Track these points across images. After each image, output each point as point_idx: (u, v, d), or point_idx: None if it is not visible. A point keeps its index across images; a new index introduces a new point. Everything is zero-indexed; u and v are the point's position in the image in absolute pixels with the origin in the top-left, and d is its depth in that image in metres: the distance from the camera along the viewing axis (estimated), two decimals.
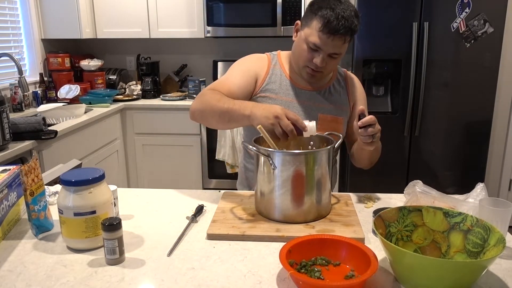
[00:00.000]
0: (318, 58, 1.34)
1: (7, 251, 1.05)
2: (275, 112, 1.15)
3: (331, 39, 1.30)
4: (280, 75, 1.48)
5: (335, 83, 1.51)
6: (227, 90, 1.37)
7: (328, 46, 1.32)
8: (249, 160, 1.57)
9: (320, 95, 1.48)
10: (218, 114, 1.28)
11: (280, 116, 1.14)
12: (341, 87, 1.52)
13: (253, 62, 1.49)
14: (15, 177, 1.18)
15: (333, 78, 1.52)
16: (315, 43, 1.32)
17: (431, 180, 2.67)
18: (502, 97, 3.19)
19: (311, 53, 1.35)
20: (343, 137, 1.51)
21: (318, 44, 1.32)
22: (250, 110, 1.20)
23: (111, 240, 0.96)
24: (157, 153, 3.35)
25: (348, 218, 1.18)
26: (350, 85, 1.54)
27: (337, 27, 1.28)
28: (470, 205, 1.11)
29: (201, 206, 1.27)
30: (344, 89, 1.52)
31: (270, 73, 1.47)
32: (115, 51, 3.83)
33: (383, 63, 2.91)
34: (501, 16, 2.69)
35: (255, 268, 0.96)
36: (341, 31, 1.29)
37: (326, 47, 1.32)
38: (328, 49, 1.33)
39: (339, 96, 1.50)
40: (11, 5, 3.04)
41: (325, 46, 1.32)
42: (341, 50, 1.35)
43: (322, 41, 1.31)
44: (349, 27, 1.30)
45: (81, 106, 2.88)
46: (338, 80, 1.52)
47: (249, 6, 3.21)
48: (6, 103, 2.02)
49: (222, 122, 1.30)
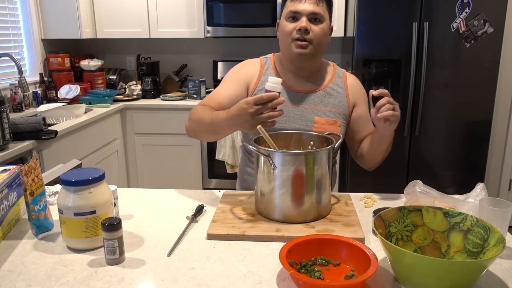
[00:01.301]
0: (302, 22, 1.36)
1: (7, 251, 1.05)
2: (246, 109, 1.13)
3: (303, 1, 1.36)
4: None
5: (333, 84, 1.49)
6: (217, 103, 1.41)
7: (303, 7, 1.36)
8: (249, 164, 1.56)
9: (316, 97, 1.46)
10: (205, 129, 1.33)
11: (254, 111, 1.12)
12: (340, 88, 1.50)
13: (244, 70, 1.50)
14: (15, 177, 1.18)
15: (331, 79, 1.50)
16: (291, 10, 1.38)
17: (431, 180, 2.67)
18: (502, 97, 3.19)
19: (293, 23, 1.39)
20: (342, 138, 1.50)
21: (295, 9, 1.37)
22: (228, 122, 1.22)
23: (111, 240, 0.96)
24: (157, 153, 3.35)
25: (348, 218, 1.18)
26: (350, 87, 1.51)
27: None
28: (470, 205, 1.11)
29: (201, 206, 1.27)
30: (343, 91, 1.50)
31: (262, 77, 1.48)
32: (115, 51, 3.83)
33: (383, 63, 2.90)
34: (501, 16, 2.69)
35: (255, 268, 0.96)
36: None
37: (303, 9, 1.36)
38: (305, 10, 1.36)
39: (337, 98, 1.48)
40: (11, 5, 3.04)
41: (302, 8, 1.36)
42: (319, 10, 1.37)
43: (295, 4, 1.37)
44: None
45: (81, 106, 2.88)
46: (337, 82, 1.50)
47: (249, 6, 3.21)
48: (6, 103, 2.02)
49: (214, 135, 1.34)
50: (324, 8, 1.39)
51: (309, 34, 1.37)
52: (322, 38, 1.40)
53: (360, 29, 2.80)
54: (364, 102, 1.54)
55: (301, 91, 1.46)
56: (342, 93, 1.49)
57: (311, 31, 1.37)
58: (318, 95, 1.47)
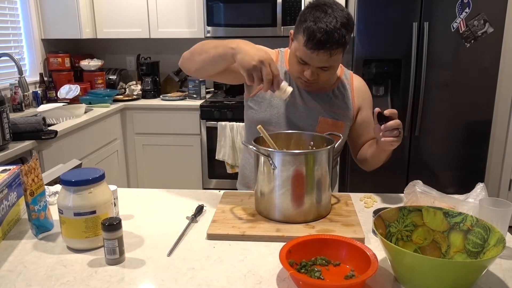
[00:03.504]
0: (308, 72, 1.31)
1: (7, 251, 1.05)
2: (262, 57, 1.13)
3: (315, 54, 1.26)
4: (284, 74, 1.47)
5: (339, 86, 1.48)
6: None
7: (314, 60, 1.28)
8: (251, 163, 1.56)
9: (323, 97, 1.46)
10: (206, 51, 1.29)
11: (265, 63, 1.13)
12: (345, 91, 1.48)
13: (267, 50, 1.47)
14: (15, 177, 1.18)
15: (337, 82, 1.49)
16: (301, 57, 1.30)
17: (431, 180, 2.67)
18: (502, 97, 3.19)
19: (301, 66, 1.33)
20: (344, 139, 1.50)
21: (304, 59, 1.29)
22: (237, 44, 1.19)
23: (111, 240, 0.96)
24: (157, 153, 3.35)
25: (348, 218, 1.18)
26: (356, 89, 1.50)
27: (320, 43, 1.23)
28: (470, 205, 1.11)
29: (201, 206, 1.27)
30: (348, 93, 1.48)
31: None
32: (115, 51, 3.83)
33: (383, 63, 2.91)
34: (501, 16, 2.69)
35: (255, 268, 0.96)
36: (326, 46, 1.24)
37: (313, 61, 1.29)
38: (315, 63, 1.29)
39: (343, 100, 1.47)
40: (11, 5, 3.04)
41: (311, 61, 1.29)
42: (329, 63, 1.30)
43: (307, 56, 1.28)
44: (334, 41, 1.23)
45: (81, 106, 2.88)
46: (343, 84, 1.49)
47: (249, 6, 3.21)
48: (6, 103, 2.02)
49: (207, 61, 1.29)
50: (338, 54, 1.29)
51: (315, 80, 1.34)
52: (330, 78, 1.41)
53: (360, 29, 2.80)
54: (369, 106, 1.52)
55: (309, 90, 1.46)
56: (348, 96, 1.48)
57: (318, 77, 1.34)
58: (325, 96, 1.46)
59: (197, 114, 3.22)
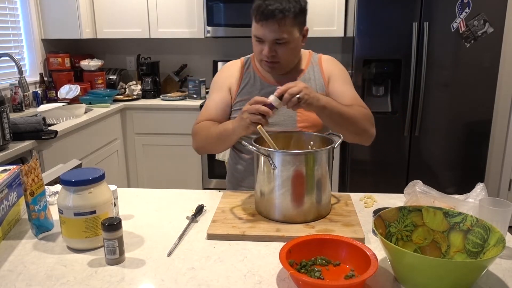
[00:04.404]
0: (265, 48, 1.35)
1: (7, 251, 1.05)
2: (242, 111, 1.22)
3: (265, 26, 1.31)
4: (253, 76, 1.49)
5: (309, 70, 1.48)
6: (210, 116, 1.47)
7: (266, 33, 1.32)
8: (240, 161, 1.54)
9: None
10: (215, 143, 1.41)
11: (246, 109, 1.20)
12: (315, 73, 1.48)
13: (223, 75, 1.54)
14: (15, 177, 1.18)
15: (306, 66, 1.49)
16: (255, 34, 1.36)
17: (431, 180, 2.67)
18: (502, 97, 3.19)
19: (259, 45, 1.37)
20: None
21: (257, 34, 1.35)
22: (231, 125, 1.30)
23: (111, 240, 0.96)
24: (157, 153, 3.34)
25: (348, 218, 1.18)
26: (324, 67, 1.49)
27: (265, 12, 1.29)
28: (470, 205, 1.11)
29: (201, 206, 1.27)
30: (318, 73, 1.48)
31: (243, 77, 1.50)
32: (115, 51, 3.83)
33: (383, 63, 2.91)
34: (501, 16, 2.69)
35: (255, 268, 0.96)
36: (273, 15, 1.28)
37: (265, 35, 1.33)
38: (268, 36, 1.33)
39: (314, 83, 1.47)
40: (11, 5, 3.04)
41: (264, 35, 1.33)
42: (281, 35, 1.32)
43: (260, 31, 1.33)
44: (280, 9, 1.28)
45: (81, 106, 2.88)
46: (313, 67, 1.49)
47: (249, 6, 3.17)
48: (6, 103, 2.02)
49: (223, 145, 1.43)
50: (290, 25, 1.32)
51: (275, 57, 1.37)
52: (291, 55, 1.40)
53: (360, 29, 2.80)
54: (339, 78, 1.48)
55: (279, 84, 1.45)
56: (318, 76, 1.48)
57: (277, 54, 1.36)
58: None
59: (197, 114, 3.19)
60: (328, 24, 3.26)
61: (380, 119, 3.07)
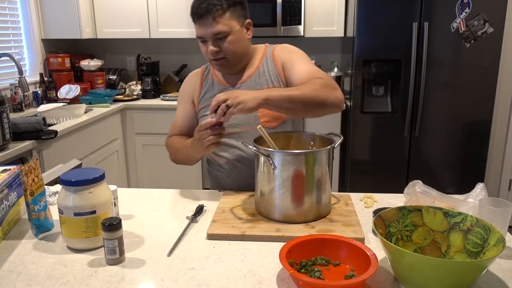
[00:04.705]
0: (210, 46, 1.37)
1: (7, 251, 1.05)
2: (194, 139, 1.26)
3: (202, 24, 1.34)
4: (212, 82, 1.51)
5: (264, 63, 1.47)
6: (179, 129, 1.55)
7: (205, 31, 1.35)
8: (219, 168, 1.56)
9: (250, 84, 1.45)
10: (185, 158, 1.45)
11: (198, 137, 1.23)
12: (269, 63, 1.46)
13: (185, 87, 1.58)
14: (15, 177, 1.18)
15: (261, 59, 1.48)
16: (197, 35, 1.38)
17: (431, 180, 2.67)
18: (502, 97, 3.19)
19: (204, 46, 1.39)
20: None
21: (198, 34, 1.37)
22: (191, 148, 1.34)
23: (111, 240, 0.96)
24: (157, 153, 3.34)
25: (348, 218, 1.18)
26: (277, 53, 1.47)
27: (199, 11, 1.33)
28: (470, 205, 1.11)
29: (201, 206, 1.27)
30: (272, 63, 1.46)
31: (203, 84, 1.52)
32: (115, 51, 3.83)
33: (383, 63, 2.91)
34: (501, 16, 2.69)
35: (255, 268, 0.96)
36: (207, 11, 1.32)
37: (205, 33, 1.35)
38: (207, 33, 1.35)
39: (269, 75, 1.44)
40: (11, 5, 3.04)
41: (204, 33, 1.35)
42: (220, 28, 1.33)
43: (198, 30, 1.36)
44: (212, 4, 1.32)
45: (81, 106, 2.88)
46: (266, 59, 1.48)
47: (249, 6, 3.19)
48: (6, 103, 2.02)
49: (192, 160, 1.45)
50: (226, 18, 1.34)
51: (220, 53, 1.38)
52: (235, 48, 1.40)
53: (360, 29, 2.80)
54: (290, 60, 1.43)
55: (235, 84, 1.47)
56: (272, 67, 1.46)
57: (221, 50, 1.37)
58: (252, 80, 1.45)
59: None
60: (328, 24, 3.26)
61: (380, 119, 3.09)
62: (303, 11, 3.17)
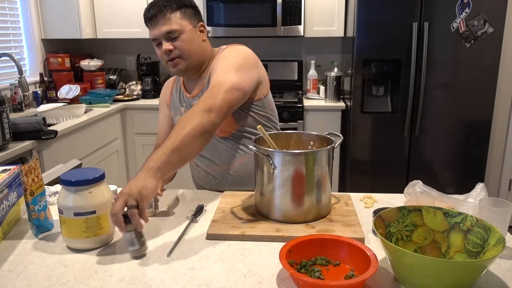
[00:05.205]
0: (164, 46, 1.38)
1: (7, 251, 1.05)
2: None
3: (154, 25, 1.37)
4: (179, 90, 1.54)
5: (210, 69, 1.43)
6: (162, 133, 1.66)
7: (157, 31, 1.37)
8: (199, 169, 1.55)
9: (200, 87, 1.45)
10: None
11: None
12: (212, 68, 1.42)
13: (162, 93, 1.66)
14: (15, 177, 1.18)
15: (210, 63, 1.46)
16: (151, 38, 1.40)
17: (431, 180, 2.68)
18: (502, 97, 3.19)
19: (159, 49, 1.41)
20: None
21: (152, 37, 1.39)
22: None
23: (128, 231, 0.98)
24: None
25: (348, 218, 1.18)
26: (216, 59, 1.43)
27: (150, 14, 1.37)
28: (470, 205, 1.11)
29: (201, 206, 1.27)
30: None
31: (173, 92, 1.58)
32: (115, 51, 3.83)
33: (383, 63, 2.91)
34: (501, 16, 2.69)
35: (255, 268, 0.96)
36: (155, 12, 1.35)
37: (158, 34, 1.37)
38: (160, 34, 1.37)
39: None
40: (11, 5, 3.04)
41: (158, 34, 1.37)
42: (170, 27, 1.35)
43: (151, 32, 1.39)
44: (162, 5, 1.35)
45: (81, 106, 2.88)
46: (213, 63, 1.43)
47: (249, 6, 3.21)
48: (6, 103, 2.02)
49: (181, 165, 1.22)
50: (177, 17, 1.37)
51: (174, 53, 1.38)
52: (188, 47, 1.39)
53: (360, 29, 2.80)
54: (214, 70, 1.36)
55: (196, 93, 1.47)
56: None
57: (174, 49, 1.38)
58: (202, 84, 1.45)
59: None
60: (328, 24, 3.26)
61: (380, 119, 3.10)
62: (303, 11, 3.17)
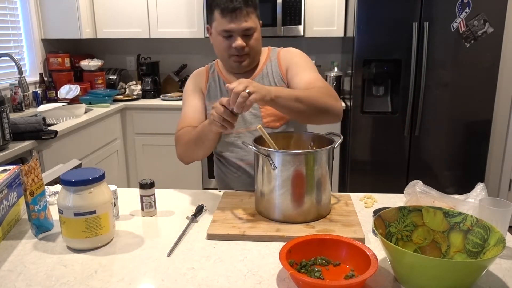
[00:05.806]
0: (236, 41, 1.36)
1: (7, 251, 1.05)
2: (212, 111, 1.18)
3: (234, 18, 1.34)
4: (218, 80, 1.51)
5: (267, 67, 1.48)
6: (189, 122, 1.47)
7: (235, 26, 1.35)
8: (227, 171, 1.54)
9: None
10: (195, 146, 1.38)
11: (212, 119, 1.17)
12: (273, 65, 1.48)
13: (193, 80, 1.57)
14: (15, 177, 1.18)
15: (265, 62, 1.48)
16: (224, 29, 1.36)
17: (431, 180, 2.68)
18: (502, 97, 3.19)
19: (228, 41, 1.38)
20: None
21: (228, 28, 1.36)
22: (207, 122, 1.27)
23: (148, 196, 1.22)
24: (157, 153, 3.34)
25: (348, 218, 1.18)
26: (282, 57, 1.48)
27: (231, 6, 1.33)
28: (470, 205, 1.11)
29: (201, 206, 1.27)
30: (276, 66, 1.47)
31: (209, 81, 1.53)
32: (115, 51, 3.83)
33: (383, 63, 2.91)
34: (501, 16, 2.69)
35: (255, 268, 0.96)
36: (238, 6, 1.33)
37: (235, 27, 1.35)
38: (238, 29, 1.35)
39: (272, 77, 1.46)
40: (11, 5, 3.04)
41: (234, 27, 1.35)
42: (250, 24, 1.35)
43: (226, 24, 1.36)
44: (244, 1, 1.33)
45: (81, 106, 2.88)
46: (270, 62, 1.49)
47: None
48: (6, 103, 2.02)
49: (203, 148, 1.38)
50: (254, 16, 1.38)
51: (245, 50, 1.39)
52: (257, 46, 1.42)
53: (360, 29, 2.80)
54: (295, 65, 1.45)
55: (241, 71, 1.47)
56: (276, 70, 1.47)
57: (247, 46, 1.38)
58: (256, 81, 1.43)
59: None
60: (328, 24, 3.26)
61: (380, 119, 3.10)
62: (303, 11, 3.17)
